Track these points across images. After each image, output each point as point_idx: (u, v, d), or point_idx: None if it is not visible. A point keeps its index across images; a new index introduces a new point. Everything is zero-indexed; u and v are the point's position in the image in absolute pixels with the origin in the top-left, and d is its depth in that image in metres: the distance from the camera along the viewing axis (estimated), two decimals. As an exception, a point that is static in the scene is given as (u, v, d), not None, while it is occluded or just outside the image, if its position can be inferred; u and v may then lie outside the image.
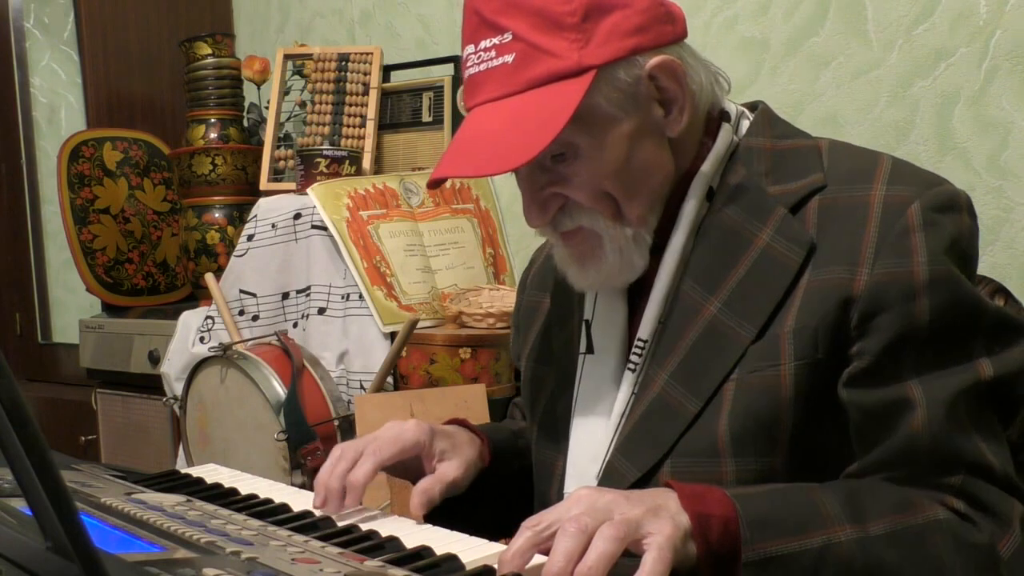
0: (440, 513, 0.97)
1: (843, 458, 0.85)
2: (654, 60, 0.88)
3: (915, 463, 0.81)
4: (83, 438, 2.57)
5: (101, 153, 2.57)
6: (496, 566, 0.72)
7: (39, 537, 0.51)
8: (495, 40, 0.87)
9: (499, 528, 0.98)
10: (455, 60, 2.22)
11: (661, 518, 0.71)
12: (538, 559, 0.71)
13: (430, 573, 0.71)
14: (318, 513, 0.90)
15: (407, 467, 1.00)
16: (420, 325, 1.75)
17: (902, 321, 0.81)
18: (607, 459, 0.93)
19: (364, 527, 0.84)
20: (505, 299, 1.87)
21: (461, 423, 1.08)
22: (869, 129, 1.70)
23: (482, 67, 0.89)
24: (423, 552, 0.76)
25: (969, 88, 1.59)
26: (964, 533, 0.78)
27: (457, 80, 2.16)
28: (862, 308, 0.82)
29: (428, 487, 0.95)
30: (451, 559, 0.74)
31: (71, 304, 2.86)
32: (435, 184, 0.94)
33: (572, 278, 0.97)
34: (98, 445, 2.51)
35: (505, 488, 1.07)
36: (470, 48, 0.90)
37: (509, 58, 0.87)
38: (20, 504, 0.68)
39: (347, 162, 2.03)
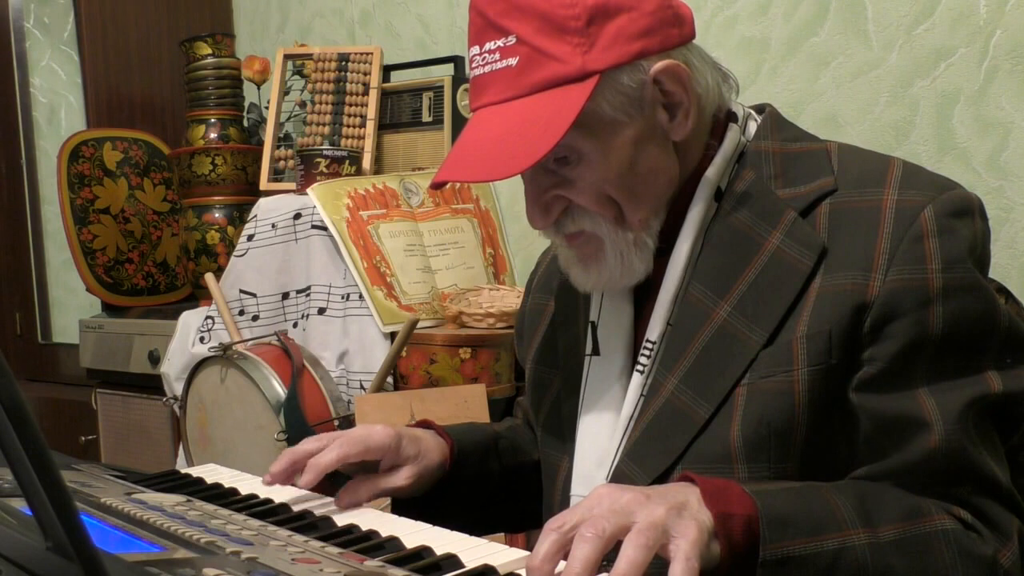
0: (407, 510, 0.97)
1: (854, 463, 0.85)
2: (659, 65, 0.88)
3: (927, 475, 0.81)
4: (83, 438, 2.57)
5: (101, 153, 2.57)
6: (495, 566, 0.72)
7: (39, 537, 0.51)
8: (499, 42, 0.87)
9: (465, 528, 0.99)
10: (455, 60, 2.22)
11: (684, 519, 0.70)
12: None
13: (430, 573, 0.71)
14: (318, 513, 0.89)
15: (368, 469, 1.01)
16: (420, 325, 1.75)
17: (915, 328, 0.81)
18: (615, 464, 0.93)
19: (364, 527, 0.84)
20: (505, 299, 1.87)
21: (429, 425, 1.09)
22: (869, 129, 1.70)
23: (487, 69, 0.89)
24: (423, 552, 0.76)
25: (969, 88, 1.59)
26: (969, 544, 0.78)
27: (457, 80, 2.16)
28: (875, 314, 0.82)
29: (354, 489, 0.96)
30: (451, 559, 0.74)
31: (71, 304, 2.86)
32: (437, 186, 0.95)
33: (574, 279, 0.97)
34: (98, 445, 2.51)
35: (468, 491, 1.07)
36: (475, 49, 0.90)
37: (513, 61, 0.87)
38: (20, 504, 0.68)
39: (347, 162, 2.03)
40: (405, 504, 1.03)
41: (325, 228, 1.85)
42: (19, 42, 2.80)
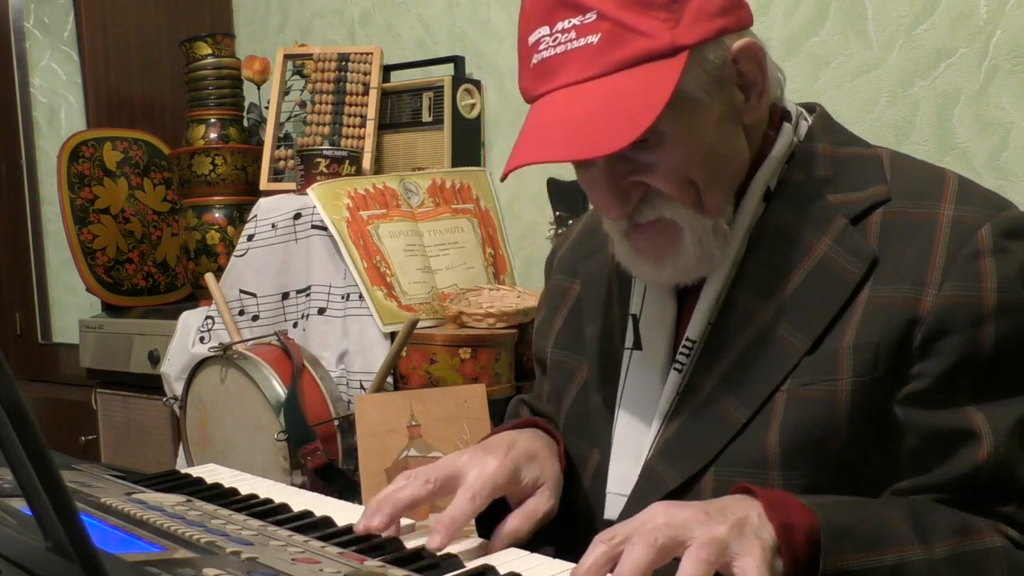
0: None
1: (889, 477, 0.83)
2: (739, 43, 0.86)
3: (973, 490, 0.80)
4: (83, 438, 2.57)
5: (101, 153, 2.57)
6: (495, 565, 0.72)
7: (39, 537, 0.51)
8: (575, 20, 0.82)
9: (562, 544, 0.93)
10: (455, 60, 2.22)
11: (747, 536, 0.69)
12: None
13: (430, 573, 0.71)
14: (318, 513, 0.89)
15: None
16: (420, 325, 1.75)
17: (967, 346, 0.80)
18: (646, 461, 0.90)
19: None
20: (505, 299, 1.87)
21: (534, 424, 1.00)
22: (869, 129, 1.70)
23: (559, 49, 0.83)
24: (423, 552, 0.76)
25: (969, 88, 1.59)
26: (1019, 562, 0.78)
27: (457, 80, 2.16)
28: (927, 329, 0.81)
29: (517, 527, 0.86)
30: (451, 559, 0.74)
31: (71, 304, 2.86)
32: (505, 176, 0.87)
33: (643, 273, 0.93)
34: (98, 445, 2.51)
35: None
36: (543, 31, 0.84)
37: (594, 38, 0.82)
38: (20, 504, 0.68)
39: (347, 162, 2.03)
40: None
41: (325, 228, 1.85)
42: (19, 42, 2.80)
